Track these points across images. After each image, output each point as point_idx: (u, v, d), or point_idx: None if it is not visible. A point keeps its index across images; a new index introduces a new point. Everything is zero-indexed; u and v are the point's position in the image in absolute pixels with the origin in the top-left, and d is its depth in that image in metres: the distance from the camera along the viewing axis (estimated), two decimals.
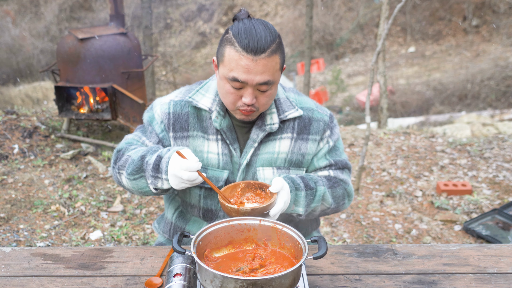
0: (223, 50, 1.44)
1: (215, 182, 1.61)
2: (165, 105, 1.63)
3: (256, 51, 1.38)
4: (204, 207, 1.67)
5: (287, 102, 1.63)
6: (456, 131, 7.76)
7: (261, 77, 1.41)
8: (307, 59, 7.71)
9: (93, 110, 4.86)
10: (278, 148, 1.62)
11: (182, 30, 19.06)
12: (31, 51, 14.22)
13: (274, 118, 1.60)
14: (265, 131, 1.59)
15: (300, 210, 1.56)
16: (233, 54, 1.40)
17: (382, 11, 5.62)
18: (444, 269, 1.46)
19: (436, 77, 14.31)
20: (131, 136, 1.69)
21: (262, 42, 1.39)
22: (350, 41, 17.88)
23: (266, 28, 1.42)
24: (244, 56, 1.39)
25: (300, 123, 1.64)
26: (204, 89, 1.63)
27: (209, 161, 1.61)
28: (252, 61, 1.39)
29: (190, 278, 1.31)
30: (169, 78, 13.74)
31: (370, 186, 4.37)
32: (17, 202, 3.87)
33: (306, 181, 1.58)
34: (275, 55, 1.42)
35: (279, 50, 1.44)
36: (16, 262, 1.48)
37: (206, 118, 1.61)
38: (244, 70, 1.40)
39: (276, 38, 1.43)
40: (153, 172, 1.47)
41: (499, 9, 15.74)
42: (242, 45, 1.38)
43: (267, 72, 1.42)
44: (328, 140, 1.68)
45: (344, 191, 1.69)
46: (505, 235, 3.55)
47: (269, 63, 1.41)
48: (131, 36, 5.07)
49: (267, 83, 1.44)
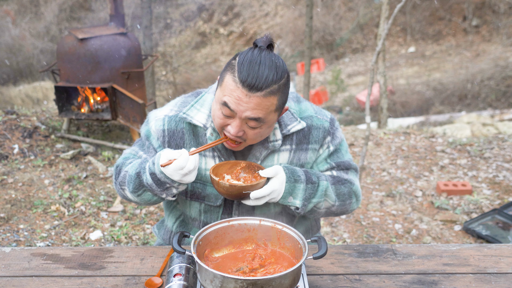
0: (224, 74, 1.40)
1: (213, 199, 1.59)
2: (160, 122, 1.59)
3: (252, 88, 1.33)
4: (204, 221, 1.66)
5: (289, 115, 1.57)
6: (456, 131, 7.76)
7: (252, 113, 1.36)
8: (307, 59, 7.71)
9: (93, 110, 4.86)
10: (277, 161, 1.59)
11: (182, 30, 19.06)
12: (31, 51, 14.23)
13: (277, 134, 1.55)
14: (268, 148, 1.55)
15: (297, 202, 1.50)
16: (230, 82, 1.36)
17: (382, 11, 5.62)
18: (444, 269, 1.46)
19: (436, 77, 14.32)
20: (129, 151, 1.68)
21: (261, 80, 1.33)
22: (350, 41, 17.88)
23: (272, 65, 1.35)
24: (239, 89, 1.34)
25: (299, 134, 1.59)
26: (200, 104, 1.58)
27: (207, 178, 1.58)
28: (246, 96, 1.34)
29: (190, 278, 1.31)
30: (169, 78, 13.75)
31: (370, 186, 4.37)
32: (17, 202, 3.87)
33: (309, 175, 1.53)
34: (272, 96, 1.36)
35: (280, 92, 1.38)
36: (16, 262, 1.48)
37: (202, 134, 1.57)
38: (236, 101, 1.35)
39: (280, 79, 1.36)
40: (161, 188, 1.48)
41: (499, 9, 15.74)
42: (240, 77, 1.34)
43: (259, 110, 1.36)
44: (329, 145, 1.64)
45: (350, 190, 1.62)
46: (505, 235, 3.55)
47: (263, 103, 1.35)
48: (131, 36, 5.07)
49: (257, 120, 1.38)
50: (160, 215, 3.82)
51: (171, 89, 14.10)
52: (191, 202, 1.63)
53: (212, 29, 19.56)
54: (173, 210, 1.77)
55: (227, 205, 1.61)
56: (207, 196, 1.60)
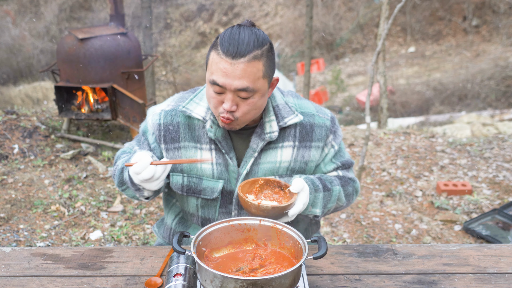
0: (209, 54, 1.43)
1: (210, 192, 1.59)
2: (156, 116, 1.61)
3: (235, 55, 1.34)
4: (202, 216, 1.66)
5: (286, 108, 1.58)
6: (456, 131, 7.76)
7: (239, 83, 1.37)
8: (307, 59, 7.71)
9: (93, 110, 4.86)
10: (280, 158, 1.59)
11: (182, 30, 19.06)
12: (31, 51, 14.23)
13: (273, 126, 1.55)
14: (264, 140, 1.55)
15: (317, 211, 1.54)
16: (214, 57, 1.39)
17: (382, 11, 5.63)
18: (444, 269, 1.46)
19: (436, 77, 14.32)
20: (127, 145, 1.71)
21: (243, 46, 1.35)
22: (350, 41, 17.88)
23: (252, 34, 1.38)
24: (223, 59, 1.36)
25: (302, 130, 1.60)
26: (198, 98, 1.60)
27: (204, 171, 1.58)
28: (230, 65, 1.35)
29: (190, 278, 1.31)
30: (169, 78, 13.74)
31: (370, 186, 4.37)
32: (17, 202, 3.87)
33: (324, 183, 1.57)
34: (257, 61, 1.37)
35: (264, 57, 1.39)
36: (16, 262, 1.48)
37: (198, 127, 1.58)
38: (222, 73, 1.37)
39: (262, 45, 1.38)
40: (134, 187, 1.51)
41: (499, 9, 15.74)
42: (223, 48, 1.36)
43: (246, 78, 1.36)
44: (333, 144, 1.66)
45: (353, 189, 1.69)
46: (505, 235, 3.55)
47: (248, 69, 1.36)
48: (131, 36, 5.07)
49: (246, 90, 1.38)
50: (160, 214, 3.82)
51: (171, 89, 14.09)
52: (188, 197, 1.64)
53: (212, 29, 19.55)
54: (172, 207, 1.78)
55: (224, 198, 1.61)
56: (203, 190, 1.60)
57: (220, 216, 1.64)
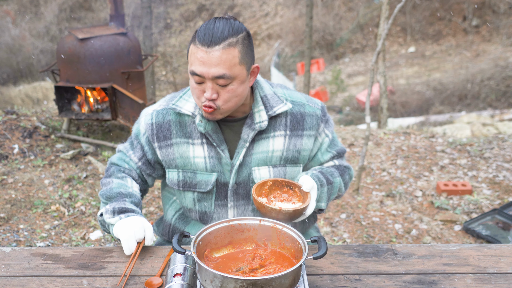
0: (188, 48, 1.47)
1: (204, 185, 1.62)
2: (148, 116, 1.65)
3: (210, 43, 1.38)
4: (199, 210, 1.68)
5: (274, 98, 1.61)
6: (456, 131, 7.76)
7: (216, 70, 1.40)
8: (307, 59, 7.71)
9: (93, 110, 4.86)
10: (272, 147, 1.61)
11: (182, 30, 19.06)
12: (31, 51, 14.23)
13: (262, 115, 1.58)
14: (254, 130, 1.58)
15: (322, 205, 1.58)
16: (192, 49, 1.43)
17: (382, 11, 5.62)
18: (444, 269, 1.46)
19: (436, 77, 14.31)
20: (121, 147, 1.74)
21: (217, 34, 1.38)
22: (350, 41, 17.88)
23: (227, 23, 1.41)
24: (199, 49, 1.40)
25: (292, 120, 1.63)
26: (187, 95, 1.64)
27: (197, 166, 1.61)
28: (206, 53, 1.39)
29: (190, 278, 1.31)
30: (169, 78, 13.74)
31: (370, 186, 4.37)
32: (17, 202, 3.87)
33: (327, 176, 1.61)
34: (231, 48, 1.40)
35: (240, 44, 1.42)
36: (16, 262, 1.48)
37: (189, 123, 1.61)
38: (200, 62, 1.41)
39: (238, 33, 1.41)
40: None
41: (499, 9, 15.74)
42: (199, 38, 1.41)
43: (222, 64, 1.40)
44: (327, 133, 1.70)
45: (349, 176, 1.76)
46: (505, 235, 3.55)
47: (223, 56, 1.39)
48: (131, 36, 5.07)
49: (223, 77, 1.41)
50: (159, 214, 3.82)
51: (171, 89, 14.10)
52: (184, 192, 1.67)
53: None
54: (173, 203, 1.80)
55: (218, 190, 1.63)
56: (198, 184, 1.62)
57: (216, 209, 1.66)
